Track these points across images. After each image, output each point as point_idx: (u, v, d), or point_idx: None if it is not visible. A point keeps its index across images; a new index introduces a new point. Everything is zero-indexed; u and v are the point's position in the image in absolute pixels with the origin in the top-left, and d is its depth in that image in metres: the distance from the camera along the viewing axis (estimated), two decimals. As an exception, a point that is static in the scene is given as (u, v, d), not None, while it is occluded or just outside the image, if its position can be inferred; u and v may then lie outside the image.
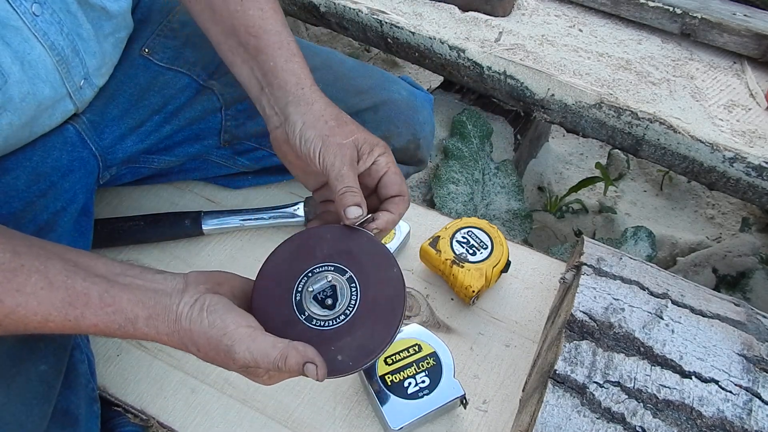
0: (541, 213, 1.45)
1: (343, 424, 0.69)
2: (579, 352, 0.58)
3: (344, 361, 0.50)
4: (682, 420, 0.54)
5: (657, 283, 0.65)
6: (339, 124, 0.58)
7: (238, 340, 0.47)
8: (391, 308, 0.52)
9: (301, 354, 0.48)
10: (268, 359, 0.47)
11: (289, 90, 0.60)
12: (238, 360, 0.47)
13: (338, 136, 0.56)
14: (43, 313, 0.47)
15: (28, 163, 0.66)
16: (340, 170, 0.55)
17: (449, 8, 1.19)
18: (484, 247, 0.78)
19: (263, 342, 0.48)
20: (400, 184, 0.58)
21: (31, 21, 0.58)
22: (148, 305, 0.49)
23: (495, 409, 0.70)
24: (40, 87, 0.61)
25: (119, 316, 0.48)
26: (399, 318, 0.52)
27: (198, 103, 0.80)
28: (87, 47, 0.66)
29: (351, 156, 0.56)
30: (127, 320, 0.49)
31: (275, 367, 0.47)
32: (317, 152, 0.56)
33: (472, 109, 1.30)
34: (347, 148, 0.56)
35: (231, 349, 0.47)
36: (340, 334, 0.51)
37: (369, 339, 0.51)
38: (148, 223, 0.84)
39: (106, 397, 0.71)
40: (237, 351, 0.47)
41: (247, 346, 0.47)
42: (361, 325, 0.52)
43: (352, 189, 0.54)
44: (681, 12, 1.08)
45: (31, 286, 0.47)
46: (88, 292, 0.48)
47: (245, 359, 0.47)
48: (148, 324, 0.49)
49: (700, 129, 0.95)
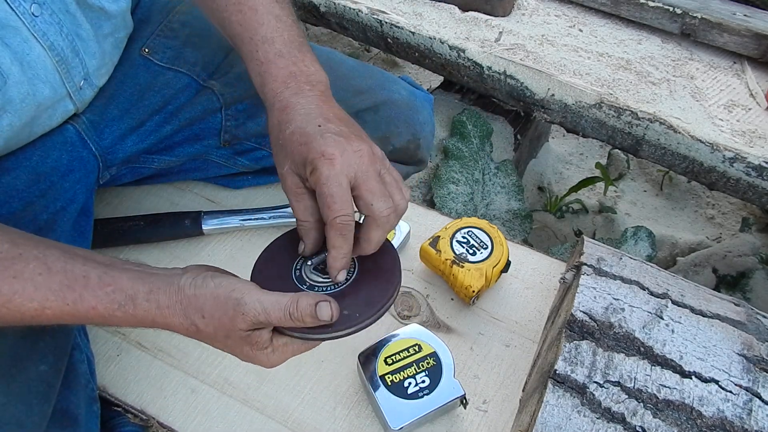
0: (541, 213, 1.44)
1: (343, 424, 0.69)
2: (579, 352, 0.58)
3: (351, 315, 0.50)
4: (682, 420, 0.54)
5: (657, 283, 0.65)
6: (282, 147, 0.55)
7: (248, 292, 0.47)
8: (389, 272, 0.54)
9: (312, 296, 0.48)
10: (279, 306, 0.46)
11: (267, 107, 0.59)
12: (248, 313, 0.46)
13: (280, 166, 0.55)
14: (40, 299, 0.47)
15: (27, 163, 0.66)
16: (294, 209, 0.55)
17: (449, 8, 1.19)
18: (484, 247, 0.78)
19: (272, 293, 0.48)
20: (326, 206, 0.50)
21: (30, 22, 0.58)
22: (149, 281, 0.49)
23: (495, 409, 0.70)
24: (39, 88, 0.61)
25: (119, 295, 0.48)
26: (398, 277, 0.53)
27: (198, 103, 0.80)
28: (86, 47, 0.66)
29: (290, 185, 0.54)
30: (127, 297, 0.48)
31: (286, 314, 0.46)
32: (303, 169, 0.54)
33: (472, 109, 1.30)
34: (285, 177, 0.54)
35: (241, 301, 0.46)
36: (343, 295, 0.52)
37: (373, 294, 0.52)
38: (148, 223, 0.84)
39: (106, 397, 0.71)
40: (247, 302, 0.46)
41: (258, 297, 0.47)
42: (364, 285, 0.53)
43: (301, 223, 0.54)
44: (681, 12, 1.08)
45: (29, 272, 0.47)
46: (87, 274, 0.48)
47: (255, 310, 0.46)
48: (149, 298, 0.48)
49: (700, 129, 0.95)
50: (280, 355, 0.51)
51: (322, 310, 0.47)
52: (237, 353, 0.51)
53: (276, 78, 0.59)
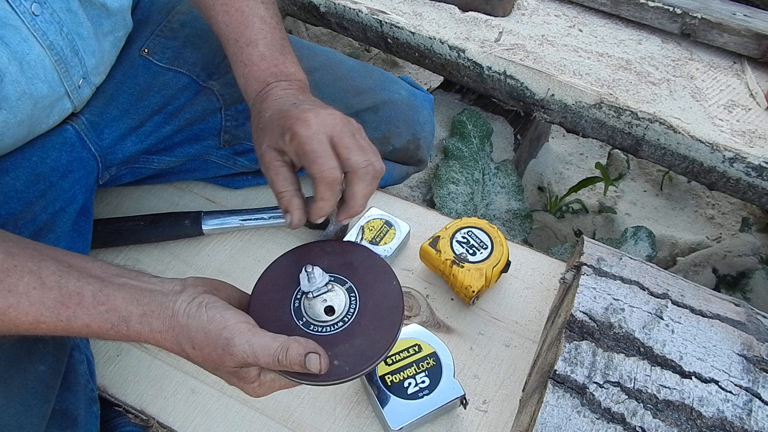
0: (541, 213, 1.44)
1: (343, 424, 0.69)
2: (579, 352, 0.58)
3: (341, 366, 0.49)
4: (682, 420, 0.54)
5: (657, 283, 0.65)
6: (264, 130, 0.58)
7: (238, 333, 0.47)
8: (389, 318, 0.52)
9: (303, 345, 0.47)
10: (269, 351, 0.46)
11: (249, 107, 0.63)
12: (236, 354, 0.46)
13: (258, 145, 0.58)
14: (35, 314, 0.47)
15: (27, 164, 0.66)
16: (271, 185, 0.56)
17: (449, 8, 1.19)
18: (484, 247, 0.78)
19: (263, 335, 0.47)
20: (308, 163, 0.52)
21: (30, 21, 0.58)
22: (143, 302, 0.48)
23: (495, 409, 0.70)
24: (37, 86, 0.61)
25: (112, 315, 0.48)
26: (397, 327, 0.51)
27: (198, 103, 0.80)
28: (86, 46, 0.66)
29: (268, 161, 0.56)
30: (121, 318, 0.48)
31: (275, 360, 0.46)
32: None
33: (472, 109, 1.30)
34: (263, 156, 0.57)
35: (230, 342, 0.46)
36: (338, 340, 0.51)
37: (367, 346, 0.50)
38: (148, 223, 0.84)
39: (106, 398, 0.71)
40: (236, 343, 0.46)
41: (247, 339, 0.46)
42: (360, 333, 0.51)
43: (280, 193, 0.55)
44: (681, 12, 1.08)
45: (24, 286, 0.47)
46: (82, 291, 0.48)
47: (244, 352, 0.46)
48: (142, 321, 0.48)
49: (700, 129, 0.95)
50: (267, 389, 0.51)
51: (312, 362, 0.47)
52: (225, 381, 0.51)
53: (258, 79, 0.62)
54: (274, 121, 0.56)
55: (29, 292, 0.47)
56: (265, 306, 0.53)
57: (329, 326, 0.52)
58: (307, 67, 0.81)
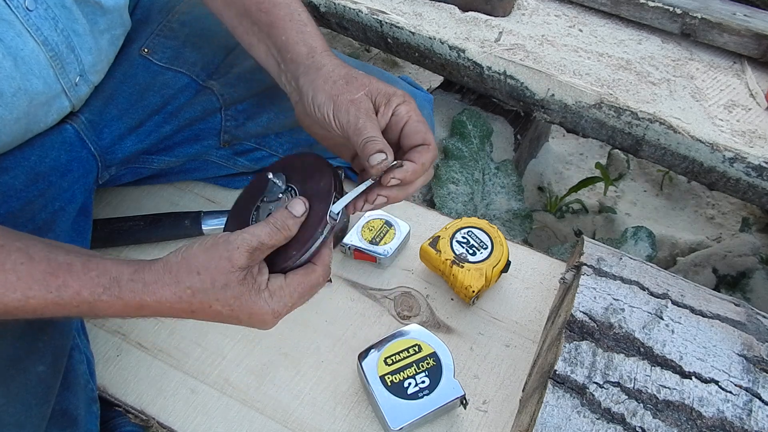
0: (541, 213, 1.44)
1: (343, 424, 0.69)
2: (579, 352, 0.58)
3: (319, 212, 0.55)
4: (682, 420, 0.54)
5: (657, 283, 0.65)
6: (348, 80, 0.57)
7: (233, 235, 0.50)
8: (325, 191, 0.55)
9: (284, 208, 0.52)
10: (262, 226, 0.50)
11: (301, 61, 0.60)
12: (240, 245, 0.49)
13: (348, 92, 0.55)
14: (23, 289, 0.47)
15: (26, 163, 0.66)
16: (356, 124, 0.54)
17: (449, 8, 1.19)
18: (484, 247, 0.78)
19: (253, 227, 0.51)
20: (423, 132, 0.56)
21: (25, 16, 0.58)
22: (132, 264, 0.50)
23: (495, 409, 0.70)
24: (33, 82, 0.60)
25: (104, 278, 0.48)
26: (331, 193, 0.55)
27: (197, 103, 0.80)
28: (82, 43, 0.66)
29: (366, 108, 0.55)
30: (112, 280, 0.48)
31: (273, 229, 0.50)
32: (330, 114, 0.55)
33: (472, 109, 1.30)
34: (360, 101, 0.55)
35: (229, 241, 0.49)
36: None
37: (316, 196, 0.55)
38: (148, 223, 0.84)
39: (106, 398, 0.71)
40: (235, 238, 0.49)
41: (242, 234, 0.49)
42: None
43: (373, 138, 0.53)
44: (681, 12, 1.08)
45: (11, 263, 0.47)
46: (71, 261, 0.48)
47: (245, 240, 0.49)
48: (134, 278, 0.49)
49: (700, 129, 0.95)
50: (278, 300, 0.52)
51: (295, 207, 0.52)
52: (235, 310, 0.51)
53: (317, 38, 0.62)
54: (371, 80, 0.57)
55: (17, 267, 0.47)
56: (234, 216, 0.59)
57: None
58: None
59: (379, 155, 0.52)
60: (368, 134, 0.53)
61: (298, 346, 0.76)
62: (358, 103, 0.55)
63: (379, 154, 0.52)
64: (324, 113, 0.56)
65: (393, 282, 0.82)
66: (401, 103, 0.56)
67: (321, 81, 0.57)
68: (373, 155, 0.52)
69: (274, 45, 0.62)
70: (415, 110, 0.57)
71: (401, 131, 0.56)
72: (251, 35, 0.65)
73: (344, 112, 0.55)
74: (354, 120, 0.54)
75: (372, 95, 0.56)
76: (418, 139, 0.56)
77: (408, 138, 0.56)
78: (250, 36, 0.65)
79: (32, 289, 0.47)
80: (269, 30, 0.62)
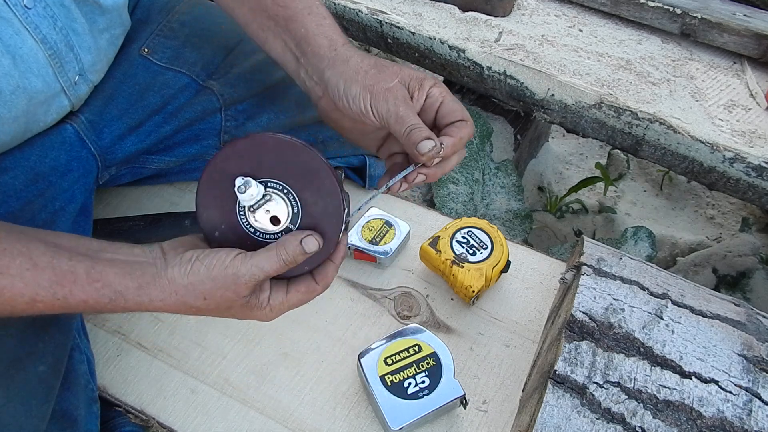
0: (541, 213, 1.44)
1: (343, 424, 0.69)
2: (579, 352, 0.58)
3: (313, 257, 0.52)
4: (682, 420, 0.54)
5: (657, 283, 0.65)
6: (380, 69, 0.57)
7: (239, 264, 0.49)
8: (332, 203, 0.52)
9: (293, 236, 0.50)
10: (271, 259, 0.49)
11: (324, 54, 0.59)
12: (248, 281, 0.49)
13: (383, 81, 0.56)
14: (31, 294, 0.47)
15: (26, 163, 0.66)
16: (397, 113, 0.54)
17: (449, 8, 1.19)
18: (484, 247, 0.78)
19: (258, 253, 0.50)
20: (460, 110, 0.57)
21: (23, 13, 0.58)
22: (136, 276, 0.49)
23: (495, 409, 0.70)
24: (31, 80, 0.60)
25: (108, 290, 0.49)
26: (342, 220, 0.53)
27: (197, 103, 0.80)
28: (82, 42, 0.65)
29: (403, 96, 0.55)
30: (117, 293, 0.49)
31: (281, 263, 0.49)
32: (368, 105, 0.55)
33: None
34: (396, 89, 0.55)
35: (237, 274, 0.49)
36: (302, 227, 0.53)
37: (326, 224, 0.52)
38: (148, 223, 0.84)
39: (106, 398, 0.71)
40: (243, 272, 0.49)
41: (248, 263, 0.49)
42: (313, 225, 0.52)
43: (417, 125, 0.54)
44: (681, 12, 1.08)
45: (16, 268, 0.47)
46: (74, 270, 0.48)
47: (253, 275, 0.49)
48: (140, 293, 0.49)
49: (700, 129, 0.95)
50: (278, 311, 0.53)
51: (309, 244, 0.50)
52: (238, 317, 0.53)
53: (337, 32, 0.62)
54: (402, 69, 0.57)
55: (23, 273, 0.47)
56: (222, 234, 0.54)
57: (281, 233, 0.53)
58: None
59: (428, 142, 0.53)
60: (411, 122, 0.54)
61: (298, 346, 0.76)
62: (395, 91, 0.55)
63: (427, 141, 0.53)
64: (360, 105, 0.56)
65: (393, 282, 0.82)
66: (433, 85, 0.57)
67: (352, 72, 0.57)
68: (421, 143, 0.53)
69: (293, 39, 0.62)
70: (447, 91, 0.58)
71: (437, 112, 0.58)
72: (267, 31, 0.64)
73: (383, 102, 0.55)
74: (394, 109, 0.54)
75: (405, 81, 0.57)
76: (456, 116, 0.57)
77: (445, 117, 0.57)
78: (266, 32, 0.65)
79: (39, 295, 0.48)
80: (287, 24, 0.62)
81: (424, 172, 0.57)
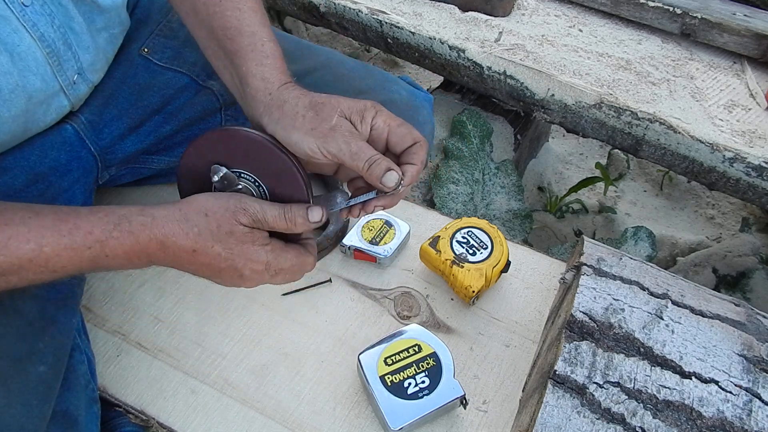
0: (541, 213, 1.44)
1: (343, 424, 0.69)
2: (579, 352, 0.58)
3: None
4: (682, 420, 0.54)
5: (657, 284, 0.65)
6: (317, 110, 0.55)
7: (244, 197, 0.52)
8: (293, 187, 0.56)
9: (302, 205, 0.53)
10: (275, 208, 0.52)
11: (259, 99, 0.58)
12: (248, 208, 0.51)
13: (323, 122, 0.54)
14: (36, 238, 0.48)
15: (25, 163, 0.66)
16: (350, 150, 0.53)
17: (449, 8, 1.19)
18: (484, 247, 0.78)
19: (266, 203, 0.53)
20: (410, 133, 0.56)
21: (20, 11, 0.58)
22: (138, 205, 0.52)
23: (495, 410, 0.70)
24: (30, 79, 0.60)
25: (112, 216, 0.50)
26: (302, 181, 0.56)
27: (197, 103, 0.80)
28: (80, 41, 0.65)
29: (349, 130, 0.54)
30: (121, 217, 0.50)
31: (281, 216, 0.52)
32: (314, 148, 0.54)
33: (472, 109, 1.30)
34: (340, 125, 0.54)
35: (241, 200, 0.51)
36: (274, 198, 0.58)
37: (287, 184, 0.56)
38: (148, 223, 0.84)
39: (106, 398, 0.71)
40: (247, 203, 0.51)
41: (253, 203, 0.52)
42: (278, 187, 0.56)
43: (374, 158, 0.53)
44: (681, 12, 1.08)
45: (19, 218, 0.48)
46: (77, 210, 0.50)
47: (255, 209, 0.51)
48: (143, 213, 0.51)
49: (700, 129, 0.95)
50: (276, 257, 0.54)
51: (314, 213, 0.53)
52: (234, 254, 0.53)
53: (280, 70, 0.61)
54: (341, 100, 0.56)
55: (26, 221, 0.48)
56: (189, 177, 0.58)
57: None
58: (307, 67, 0.82)
59: (392, 174, 0.53)
60: (367, 155, 0.53)
61: (298, 346, 0.76)
62: (340, 128, 0.54)
63: (390, 173, 0.53)
64: (305, 149, 0.54)
65: (393, 282, 0.83)
66: (375, 115, 0.56)
67: (288, 119, 0.55)
68: (385, 176, 0.53)
69: (237, 74, 0.61)
70: (390, 116, 0.56)
71: (387, 141, 0.57)
72: (218, 59, 0.64)
73: (331, 142, 0.53)
74: (346, 147, 0.53)
75: (346, 114, 0.55)
76: (407, 141, 0.56)
77: (398, 144, 0.57)
78: (217, 60, 0.64)
79: (45, 237, 0.48)
80: (232, 58, 0.61)
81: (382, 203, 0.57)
